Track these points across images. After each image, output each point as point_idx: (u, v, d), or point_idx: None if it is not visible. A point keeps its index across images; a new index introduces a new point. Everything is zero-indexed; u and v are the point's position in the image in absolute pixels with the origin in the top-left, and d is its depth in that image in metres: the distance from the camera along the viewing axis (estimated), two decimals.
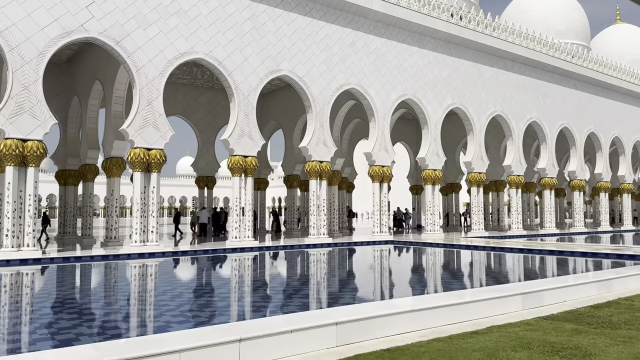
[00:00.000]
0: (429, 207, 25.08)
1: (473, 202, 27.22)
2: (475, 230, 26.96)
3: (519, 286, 8.20)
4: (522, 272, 13.27)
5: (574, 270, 13.13)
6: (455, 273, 13.44)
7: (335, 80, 21.25)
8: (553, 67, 30.91)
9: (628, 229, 35.96)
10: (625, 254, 14.64)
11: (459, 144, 36.10)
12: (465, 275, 12.92)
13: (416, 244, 21.05)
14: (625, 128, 36.95)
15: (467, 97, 26.58)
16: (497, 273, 13.28)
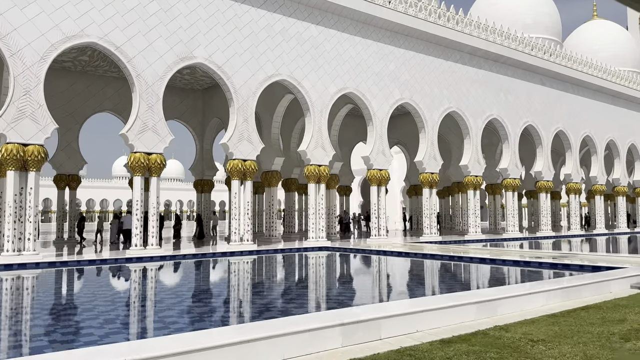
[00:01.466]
0: (375, 210, 23.18)
1: (425, 205, 25.36)
2: (427, 235, 25.09)
3: (337, 315, 6.19)
4: (401, 284, 11.38)
5: (469, 283, 11.26)
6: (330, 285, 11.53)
7: (262, 70, 19.33)
8: (516, 61, 29.15)
9: (599, 232, 34.25)
10: (546, 263, 12.82)
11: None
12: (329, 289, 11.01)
13: (348, 250, 19.12)
14: (598, 126, 35.25)
15: (418, 91, 24.73)
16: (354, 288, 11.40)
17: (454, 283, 11.98)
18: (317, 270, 15.15)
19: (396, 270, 15.02)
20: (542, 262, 13.18)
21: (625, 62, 44.75)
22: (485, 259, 14.46)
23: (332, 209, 25.78)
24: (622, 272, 10.48)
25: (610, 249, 20.83)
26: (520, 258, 14.15)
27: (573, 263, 12.59)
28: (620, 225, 37.11)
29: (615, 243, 26.12)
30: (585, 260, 13.96)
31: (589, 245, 24.30)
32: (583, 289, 8.75)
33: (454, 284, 11.81)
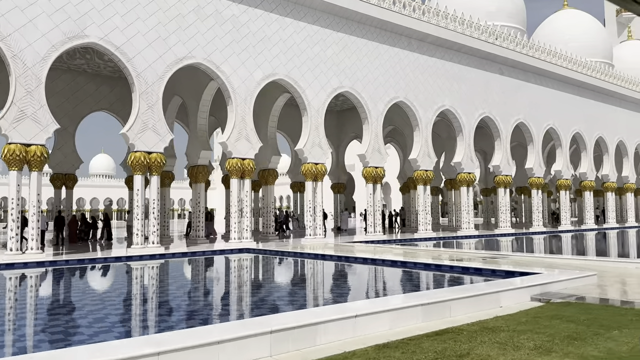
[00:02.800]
0: (309, 208, 21.38)
1: (368, 201, 23.61)
2: (371, 234, 23.36)
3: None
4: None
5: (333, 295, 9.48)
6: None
7: (171, 52, 17.37)
8: (471, 48, 27.46)
9: (564, 229, 32.80)
10: (456, 267, 11.12)
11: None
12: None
13: (268, 252, 17.28)
14: (562, 118, 33.73)
15: (360, 80, 22.93)
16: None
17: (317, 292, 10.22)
18: (216, 276, 13.32)
19: (291, 275, 13.25)
20: (453, 266, 11.46)
21: (596, 53, 43.37)
22: (386, 261, 12.77)
23: (270, 207, 23.91)
24: (526, 279, 8.77)
25: (553, 249, 19.26)
26: (430, 260, 12.41)
27: (485, 267, 10.88)
28: (587, 221, 35.72)
29: (568, 242, 24.58)
30: (510, 263, 12.29)
31: (533, 244, 22.74)
32: (454, 305, 6.99)
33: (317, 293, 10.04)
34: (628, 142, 39.61)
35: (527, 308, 7.50)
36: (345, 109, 33.74)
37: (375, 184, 23.69)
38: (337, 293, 10.01)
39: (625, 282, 9.60)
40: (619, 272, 11.03)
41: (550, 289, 8.64)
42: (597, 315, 6.66)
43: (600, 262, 12.44)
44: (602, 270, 11.39)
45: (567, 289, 8.77)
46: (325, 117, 22.92)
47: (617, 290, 8.72)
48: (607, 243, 23.27)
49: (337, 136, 34.82)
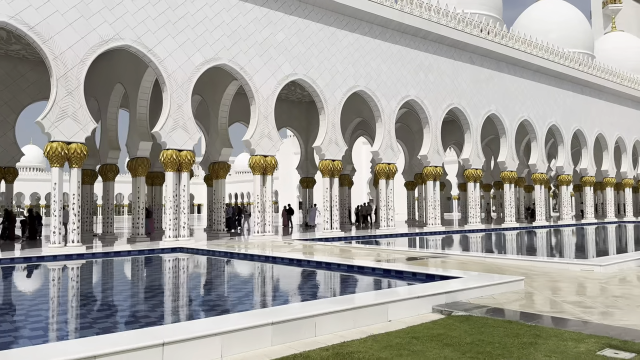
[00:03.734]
0: (258, 203, 20.04)
1: (325, 196, 22.31)
2: (327, 231, 22.09)
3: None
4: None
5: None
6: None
7: (95, 33, 15.91)
8: (439, 36, 26.14)
9: (539, 225, 31.67)
10: (377, 269, 9.88)
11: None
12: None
13: (202, 252, 15.94)
14: (538, 110, 32.55)
15: (316, 67, 21.57)
16: None
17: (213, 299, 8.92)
18: (119, 280, 11.99)
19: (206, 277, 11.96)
20: (375, 268, 10.19)
21: (576, 44, 42.23)
22: (301, 261, 11.49)
23: (220, 203, 22.54)
24: (429, 287, 7.51)
25: (508, 247, 18.05)
26: (340, 260, 11.12)
27: (406, 270, 9.63)
28: (564, 217, 34.65)
29: (532, 239, 23.42)
30: (439, 264, 11.05)
31: (490, 242, 21.56)
32: (322, 321, 5.70)
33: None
34: (608, 135, 38.54)
35: (418, 323, 6.24)
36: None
37: (333, 178, 22.41)
38: (200, 303, 8.71)
39: (557, 289, 8.37)
40: (559, 275, 9.82)
41: (460, 297, 7.39)
42: (488, 336, 5.41)
43: (546, 263, 11.23)
44: (545, 272, 10.19)
45: (482, 298, 7.53)
46: (294, 108, 21.88)
47: (538, 300, 7.48)
48: (571, 241, 22.12)
49: (307, 128, 33.47)
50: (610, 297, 7.57)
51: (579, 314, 6.43)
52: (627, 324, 5.85)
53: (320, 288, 9.88)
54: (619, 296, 7.66)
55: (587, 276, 9.80)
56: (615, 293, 7.94)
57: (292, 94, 30.67)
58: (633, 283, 8.97)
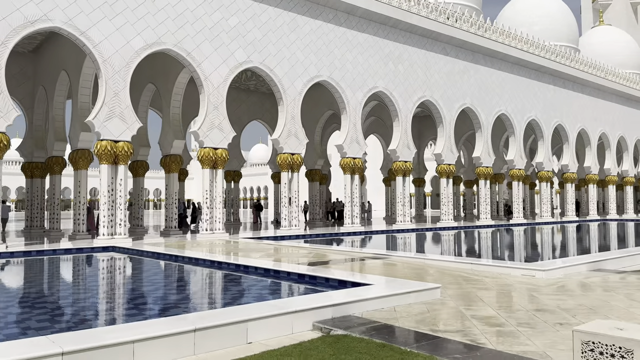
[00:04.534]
0: (206, 199, 18.84)
1: (282, 192, 21.16)
2: (284, 229, 20.96)
3: None
4: None
5: None
6: None
7: (19, 13, 14.67)
8: (409, 25, 24.98)
9: (516, 222, 30.64)
10: (293, 273, 8.77)
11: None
12: None
13: (134, 252, 14.76)
14: (516, 104, 31.45)
15: (273, 55, 20.36)
16: None
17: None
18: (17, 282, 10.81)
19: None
20: (290, 273, 9.07)
21: (561, 37, 41.14)
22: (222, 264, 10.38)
23: (173, 199, 21.30)
24: (309, 300, 6.39)
25: (459, 249, 16.97)
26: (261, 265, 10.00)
27: (320, 275, 8.50)
28: (543, 214, 33.63)
29: (494, 238, 22.38)
30: (373, 266, 9.94)
31: (449, 241, 20.50)
32: (143, 349, 4.55)
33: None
34: (591, 130, 37.53)
35: (282, 345, 5.11)
36: None
37: (292, 172, 21.26)
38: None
39: (477, 299, 7.25)
40: (494, 282, 8.73)
41: (355, 310, 6.27)
42: None
43: (487, 266, 10.13)
44: (481, 278, 9.11)
45: (381, 311, 6.42)
46: (266, 100, 20.84)
47: (444, 314, 6.37)
48: (533, 241, 21.07)
49: (275, 121, 32.18)
50: (531, 311, 6.47)
51: (476, 335, 5.32)
52: (523, 350, 4.75)
53: (174, 297, 8.70)
54: (543, 309, 6.57)
55: (526, 282, 8.71)
56: (543, 305, 6.85)
57: (261, 85, 29.45)
58: (572, 292, 7.88)
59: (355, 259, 11.88)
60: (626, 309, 6.57)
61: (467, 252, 14.97)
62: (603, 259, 10.59)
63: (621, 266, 10.97)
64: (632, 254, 11.03)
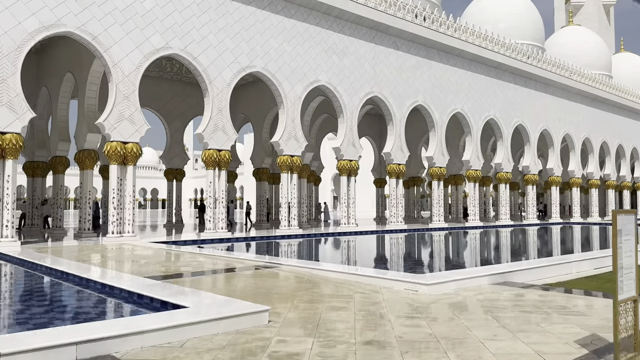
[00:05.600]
0: (113, 199, 17.15)
1: (208, 191, 19.54)
2: (210, 231, 19.35)
3: None
4: None
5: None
6: None
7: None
8: (355, 16, 23.56)
9: (469, 225, 29.46)
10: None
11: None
12: None
13: (7, 258, 13.04)
14: (473, 102, 30.26)
15: (197, 42, 18.75)
16: None
17: None
18: None
19: None
20: (113, 287, 7.47)
21: (526, 35, 40.24)
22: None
23: (86, 198, 19.53)
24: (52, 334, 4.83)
25: (369, 255, 15.62)
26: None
27: (118, 286, 6.95)
28: (502, 216, 32.53)
29: (423, 242, 21.10)
30: (234, 278, 8.42)
31: (381, 246, 19.16)
32: None
33: None
34: (554, 131, 36.61)
35: None
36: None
37: (220, 170, 19.66)
38: None
39: (306, 326, 5.76)
40: (366, 297, 7.27)
41: (119, 347, 4.73)
42: None
43: (372, 278, 8.67)
44: (353, 293, 7.66)
45: (162, 347, 4.89)
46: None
47: (242, 350, 4.87)
48: (466, 245, 19.84)
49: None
50: (358, 344, 4.99)
51: None
52: None
53: None
54: (376, 342, 5.10)
55: (403, 299, 7.27)
56: (383, 335, 5.39)
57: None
58: (439, 315, 6.38)
59: (238, 268, 10.35)
60: (482, 342, 5.14)
61: (377, 259, 13.53)
62: (510, 270, 9.22)
63: (536, 278, 9.64)
64: (546, 265, 9.69)
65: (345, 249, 17.70)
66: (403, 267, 11.36)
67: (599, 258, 11.65)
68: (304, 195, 27.58)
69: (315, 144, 33.06)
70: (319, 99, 27.42)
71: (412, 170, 37.83)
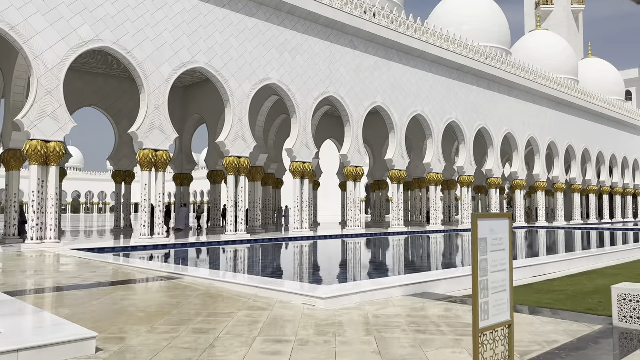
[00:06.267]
0: (33, 202, 15.86)
1: (143, 194, 18.36)
2: (144, 237, 18.15)
3: None
4: None
5: None
6: None
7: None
8: (308, 12, 22.66)
9: (429, 229, 28.82)
10: None
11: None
12: None
13: None
14: (435, 105, 29.67)
15: (133, 34, 17.60)
16: None
17: None
18: None
19: None
20: None
21: (491, 38, 40.04)
22: None
23: (12, 201, 18.12)
24: None
25: (296, 263, 14.73)
26: None
27: None
28: (464, 220, 31.99)
29: (364, 248, 20.32)
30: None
31: (304, 252, 18.30)
32: None
33: None
34: (519, 134, 36.35)
35: None
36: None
37: (158, 172, 18.50)
38: None
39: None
40: (248, 316, 6.31)
41: None
42: None
43: (273, 291, 7.70)
44: (235, 311, 6.68)
45: None
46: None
47: None
48: (409, 251, 19.13)
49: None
50: None
51: None
52: None
53: None
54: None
55: (293, 316, 6.33)
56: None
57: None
58: (314, 339, 5.46)
59: (137, 280, 9.29)
60: None
61: (299, 267, 12.59)
62: (428, 280, 8.36)
63: (462, 287, 8.83)
64: (458, 276, 8.86)
65: (275, 257, 16.73)
66: (324, 277, 10.44)
67: (538, 265, 10.93)
68: (257, 199, 26.52)
69: (275, 146, 32.10)
70: (274, 98, 26.48)
71: (377, 174, 37.24)
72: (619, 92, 61.71)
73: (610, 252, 13.96)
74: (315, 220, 35.04)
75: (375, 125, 32.31)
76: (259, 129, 27.28)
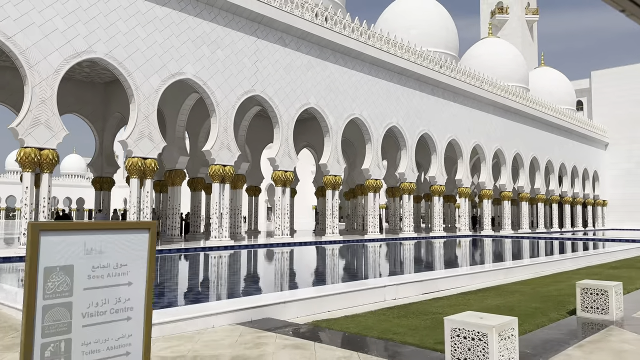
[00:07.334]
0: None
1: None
2: (23, 246, 16.13)
3: None
4: None
5: None
6: None
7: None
8: (230, 4, 21.01)
9: (368, 238, 27.55)
10: None
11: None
12: None
13: None
14: (374, 108, 28.46)
15: (14, 20, 15.52)
16: None
17: None
18: None
19: None
20: None
21: (438, 43, 39.48)
22: None
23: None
24: None
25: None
26: None
27: None
28: (405, 228, 30.84)
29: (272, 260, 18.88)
30: None
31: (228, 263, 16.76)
32: None
33: None
34: (464, 141, 35.67)
35: None
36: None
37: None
38: None
39: None
40: None
41: None
42: None
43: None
44: None
45: None
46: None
47: None
48: (355, 261, 17.79)
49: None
50: None
51: None
52: None
53: None
54: None
55: None
56: None
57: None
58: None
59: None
60: None
61: (196, 281, 10.93)
62: (271, 303, 6.85)
63: (324, 309, 7.38)
64: (343, 292, 7.41)
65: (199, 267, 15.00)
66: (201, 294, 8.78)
67: (428, 280, 9.61)
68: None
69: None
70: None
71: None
72: (570, 102, 62.49)
73: (519, 265, 12.74)
74: (256, 229, 33.25)
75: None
76: (180, 129, 25.40)
